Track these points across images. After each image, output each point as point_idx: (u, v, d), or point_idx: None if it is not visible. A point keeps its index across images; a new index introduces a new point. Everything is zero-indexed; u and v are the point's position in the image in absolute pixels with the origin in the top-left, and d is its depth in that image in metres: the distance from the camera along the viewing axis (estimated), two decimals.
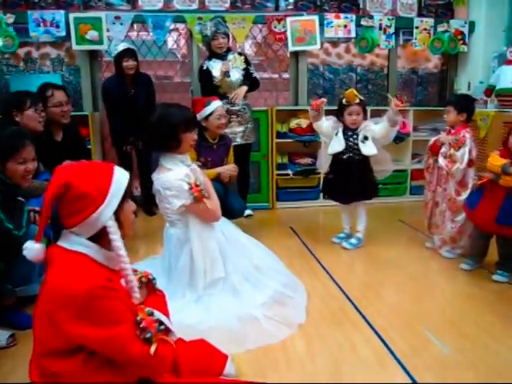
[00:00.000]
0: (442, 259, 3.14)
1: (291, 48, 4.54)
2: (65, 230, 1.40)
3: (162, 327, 1.40)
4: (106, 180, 1.39)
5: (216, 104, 3.26)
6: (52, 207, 1.35)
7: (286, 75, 5.02)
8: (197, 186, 2.28)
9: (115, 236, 1.38)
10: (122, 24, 4.32)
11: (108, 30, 4.27)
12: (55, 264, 1.35)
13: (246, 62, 3.96)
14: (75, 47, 4.28)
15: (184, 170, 2.33)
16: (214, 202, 2.41)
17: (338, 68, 5.05)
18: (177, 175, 2.29)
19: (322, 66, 5.03)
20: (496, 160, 2.67)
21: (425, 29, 4.68)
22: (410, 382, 1.83)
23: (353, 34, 4.59)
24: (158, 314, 1.45)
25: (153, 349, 1.33)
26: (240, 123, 3.95)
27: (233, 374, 1.78)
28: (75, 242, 1.37)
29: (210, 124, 3.24)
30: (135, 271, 1.59)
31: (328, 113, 3.43)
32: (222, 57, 3.87)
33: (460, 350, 2.05)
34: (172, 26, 4.54)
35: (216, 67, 3.85)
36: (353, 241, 3.37)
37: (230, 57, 3.90)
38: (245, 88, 3.88)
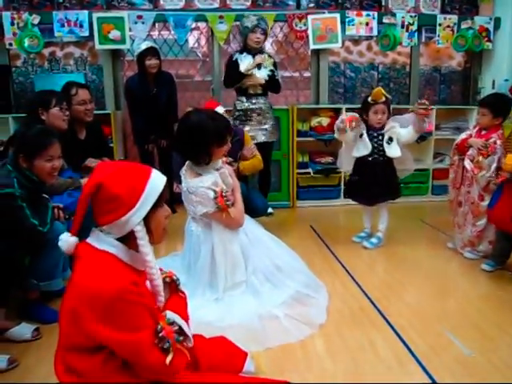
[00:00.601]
0: (464, 260, 3.10)
1: (312, 46, 4.52)
2: (94, 228, 1.41)
3: (181, 338, 1.41)
4: (140, 184, 1.38)
5: (221, 109, 3.13)
6: (87, 204, 1.36)
7: (307, 73, 5.00)
8: (223, 196, 2.30)
9: (142, 241, 1.38)
10: (143, 23, 4.36)
11: (130, 30, 4.32)
12: (83, 261, 1.37)
13: (274, 65, 3.98)
14: (98, 47, 4.33)
15: (212, 178, 2.34)
16: (238, 209, 2.42)
17: (360, 66, 5.00)
18: (204, 182, 2.32)
19: (343, 64, 4.98)
20: (510, 160, 2.63)
21: (448, 26, 4.61)
22: (430, 382, 1.81)
23: (375, 32, 4.54)
24: (177, 320, 1.46)
25: (169, 359, 1.33)
26: (261, 122, 3.96)
27: (252, 372, 1.79)
28: (104, 241, 1.38)
29: None
30: (161, 270, 1.60)
31: (349, 111, 3.40)
32: (254, 53, 3.89)
33: (482, 351, 2.02)
34: (193, 25, 4.57)
35: (245, 62, 3.86)
36: (373, 240, 3.35)
37: (262, 55, 3.92)
38: (261, 80, 3.85)
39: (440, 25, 4.61)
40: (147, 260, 1.40)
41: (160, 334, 1.34)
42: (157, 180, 1.41)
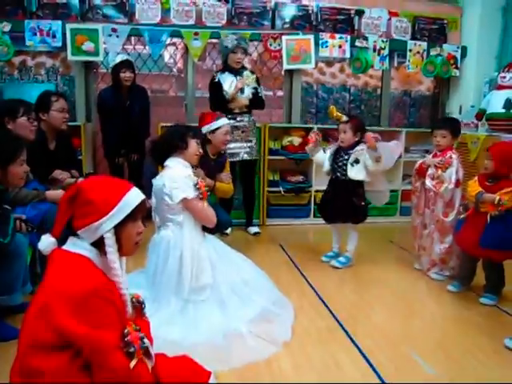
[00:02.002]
0: (430, 281, 3.13)
1: (286, 66, 4.58)
2: (71, 237, 1.45)
3: (145, 345, 1.41)
4: (117, 195, 1.44)
5: (225, 120, 3.33)
6: (67, 206, 1.43)
7: (280, 93, 5.05)
8: (202, 182, 2.43)
9: (110, 248, 1.42)
10: (118, 36, 4.33)
11: (104, 43, 4.29)
12: (57, 263, 1.41)
13: (257, 81, 4.04)
14: (71, 58, 4.28)
15: (189, 170, 2.47)
16: (210, 209, 2.50)
17: (332, 87, 5.09)
18: (183, 172, 2.44)
19: (316, 84, 5.06)
20: (472, 189, 2.72)
21: (418, 52, 4.75)
22: None
23: (347, 55, 4.64)
24: (146, 341, 1.45)
25: (132, 364, 1.34)
26: (245, 139, 4.00)
27: None
28: (78, 245, 1.43)
29: (215, 137, 3.27)
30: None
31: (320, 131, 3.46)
32: (236, 72, 3.94)
33: (446, 372, 2.04)
34: (169, 41, 4.57)
35: (228, 81, 3.92)
36: (341, 259, 3.35)
37: (244, 73, 3.97)
38: (245, 101, 3.93)
39: (410, 50, 4.75)
40: (113, 267, 1.42)
41: (126, 338, 1.35)
42: (134, 196, 1.47)
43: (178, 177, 2.41)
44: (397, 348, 2.24)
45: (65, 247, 1.45)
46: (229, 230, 3.98)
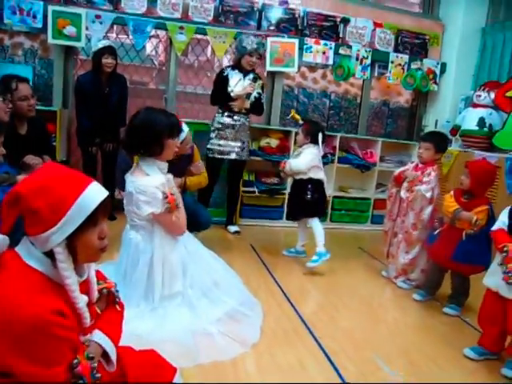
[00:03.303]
0: (397, 289, 3.20)
1: (269, 68, 4.59)
2: (26, 237, 1.27)
3: (98, 375, 1.30)
4: (67, 200, 1.19)
5: (186, 130, 3.04)
6: (12, 213, 1.21)
7: None
8: (172, 195, 2.27)
9: (62, 264, 1.21)
10: (101, 23, 4.26)
11: (87, 28, 4.21)
12: (6, 275, 1.21)
13: (262, 87, 4.07)
14: (51, 41, 4.17)
15: (161, 178, 2.30)
16: (182, 216, 2.40)
17: (313, 92, 5.13)
18: (153, 182, 2.26)
19: (297, 88, 5.09)
20: (449, 205, 2.78)
21: (399, 64, 4.84)
22: None
23: (330, 61, 4.69)
24: (104, 342, 1.38)
25: None
26: (236, 138, 4.01)
27: None
28: (32, 255, 1.23)
29: (181, 149, 3.01)
30: (103, 278, 1.53)
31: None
32: (245, 73, 3.95)
33: (408, 377, 2.09)
34: (153, 32, 4.52)
35: (235, 78, 3.94)
36: (314, 257, 3.31)
37: (257, 83, 3.99)
38: (247, 105, 3.97)
39: (392, 62, 4.83)
40: (67, 284, 1.23)
41: (75, 370, 1.23)
42: (91, 196, 1.23)
43: (147, 188, 2.24)
44: (361, 352, 2.28)
45: (19, 251, 1.24)
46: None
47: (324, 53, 4.64)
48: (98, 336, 1.40)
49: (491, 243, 2.71)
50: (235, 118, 3.98)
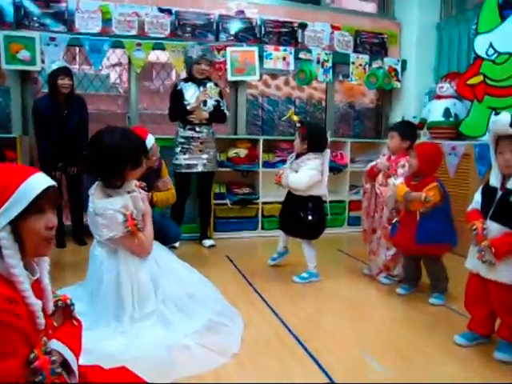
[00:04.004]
0: (380, 285, 3.12)
1: (230, 78, 4.55)
2: None
3: (58, 370, 1.22)
4: (10, 186, 1.20)
5: (152, 138, 3.00)
6: None
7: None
8: (133, 219, 2.15)
9: (7, 251, 1.18)
10: (56, 46, 4.15)
11: (42, 53, 4.11)
12: None
13: (220, 94, 3.98)
14: (5, 66, 4.05)
15: (122, 200, 2.17)
16: (147, 235, 2.27)
17: (277, 100, 5.09)
18: (113, 205, 2.14)
19: (261, 97, 5.05)
20: (400, 191, 2.77)
21: (360, 64, 4.86)
22: None
23: (292, 67, 4.67)
24: (63, 351, 1.28)
25: None
26: (202, 150, 3.91)
27: None
28: None
29: (149, 162, 2.87)
30: (54, 293, 1.42)
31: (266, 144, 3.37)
32: (199, 83, 3.86)
33: (399, 371, 2.00)
34: (111, 53, 4.45)
35: (190, 91, 3.85)
36: (303, 274, 3.17)
37: (208, 85, 3.90)
38: (205, 115, 3.86)
39: (353, 63, 4.85)
40: (14, 273, 1.19)
41: (33, 365, 1.15)
42: (34, 183, 1.23)
43: (106, 211, 2.12)
44: (347, 350, 2.19)
45: None
46: (177, 244, 3.83)
47: (284, 58, 4.62)
48: (56, 344, 1.29)
49: (452, 220, 2.75)
50: (197, 129, 3.90)
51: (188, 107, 3.82)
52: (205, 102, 3.85)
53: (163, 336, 2.14)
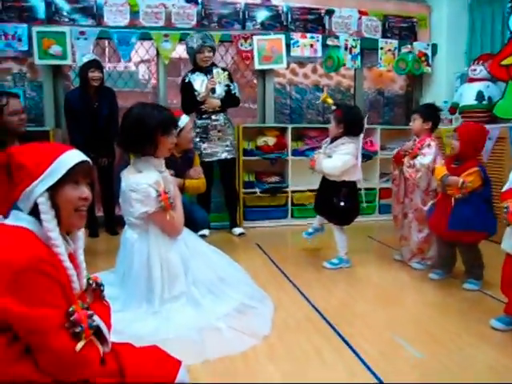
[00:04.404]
0: (412, 271, 3.06)
1: (257, 66, 4.54)
2: (13, 210, 1.35)
3: (95, 324, 1.29)
4: (50, 156, 1.32)
5: (186, 118, 3.13)
6: (2, 178, 1.33)
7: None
8: (166, 193, 2.18)
9: (45, 216, 1.29)
10: (86, 39, 4.24)
11: (72, 46, 4.19)
12: None
13: (230, 78, 3.97)
14: (38, 62, 4.17)
15: (155, 176, 2.21)
16: (179, 216, 2.30)
17: (305, 88, 5.05)
18: (147, 179, 2.18)
19: (288, 85, 5.02)
20: (439, 173, 2.70)
21: (389, 50, 4.76)
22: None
23: (319, 54, 4.63)
24: (97, 320, 1.32)
25: (79, 346, 1.21)
26: (221, 138, 3.93)
27: (187, 382, 1.61)
28: (20, 218, 1.32)
29: (182, 139, 3.03)
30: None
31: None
32: (206, 71, 3.87)
33: (433, 354, 1.95)
34: (138, 44, 4.51)
35: (198, 80, 3.86)
36: (334, 260, 3.15)
37: (214, 71, 3.89)
38: (217, 103, 3.86)
39: (382, 48, 4.76)
40: (51, 237, 1.29)
41: (72, 317, 1.21)
42: (71, 156, 1.36)
43: (140, 187, 2.15)
44: (380, 334, 2.15)
45: (6, 221, 1.33)
46: (207, 232, 3.86)
47: (312, 46, 4.58)
48: (84, 304, 1.35)
49: (492, 207, 2.66)
50: (213, 117, 3.91)
51: (198, 98, 3.82)
52: (213, 90, 3.83)
53: (194, 318, 2.15)
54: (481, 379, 1.76)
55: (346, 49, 4.65)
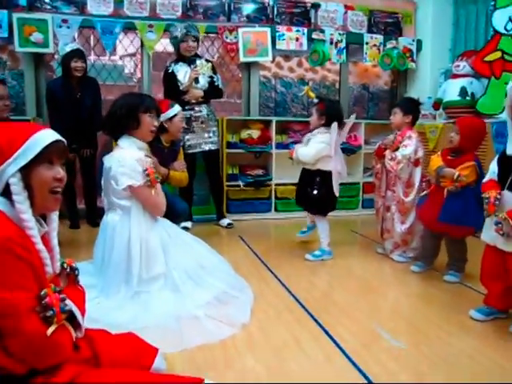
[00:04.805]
0: (394, 263, 3.07)
1: (242, 59, 4.51)
2: None
3: (68, 308, 1.25)
4: (23, 136, 1.27)
5: (179, 107, 3.19)
6: None
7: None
8: (152, 168, 2.22)
9: (18, 197, 1.24)
10: (69, 28, 4.17)
11: (55, 36, 4.12)
12: None
13: (213, 70, 3.94)
14: (18, 49, 4.09)
15: (139, 154, 2.25)
16: (161, 196, 2.33)
17: (290, 82, 5.04)
18: (132, 154, 2.22)
19: (274, 79, 5.00)
20: (434, 163, 2.68)
21: (374, 45, 4.77)
22: (361, 376, 1.69)
23: (304, 47, 4.61)
24: (70, 304, 1.28)
25: (50, 330, 1.17)
26: (204, 129, 3.90)
27: (163, 369, 1.59)
28: None
29: (173, 125, 3.11)
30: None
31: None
32: (189, 61, 3.83)
33: (414, 344, 1.95)
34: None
35: (181, 71, 3.82)
36: (316, 252, 3.16)
37: (198, 62, 3.85)
38: (200, 93, 3.82)
39: (367, 43, 4.76)
40: (23, 218, 1.24)
41: (43, 301, 1.18)
42: (45, 135, 1.31)
43: (126, 161, 2.19)
44: (361, 324, 2.15)
45: None
46: (189, 224, 3.83)
47: (297, 39, 4.57)
48: (56, 288, 1.29)
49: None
50: (196, 109, 3.87)
51: (181, 88, 3.78)
52: (197, 80, 3.80)
53: (173, 306, 2.13)
54: (461, 369, 1.76)
55: (331, 43, 4.64)
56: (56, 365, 1.26)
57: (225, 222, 4.11)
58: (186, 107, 3.84)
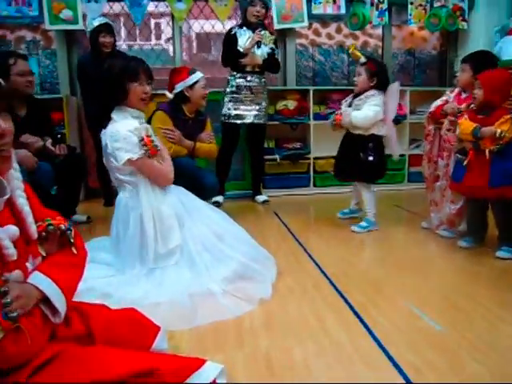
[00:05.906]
0: (440, 239, 2.79)
1: (277, 26, 4.25)
2: None
3: (14, 314, 1.02)
4: None
5: (200, 73, 3.03)
6: None
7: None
8: (149, 137, 2.06)
9: None
10: (97, 2, 4.07)
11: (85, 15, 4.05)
12: None
13: (275, 43, 3.78)
14: (48, 26, 4.04)
15: (134, 123, 2.08)
16: (166, 163, 2.18)
17: (329, 49, 4.75)
18: (125, 126, 2.06)
19: (311, 47, 4.72)
20: (466, 128, 2.39)
21: (420, 4, 4.37)
22: (391, 364, 1.47)
23: (343, 11, 4.28)
24: (44, 284, 1.12)
25: None
26: (253, 101, 3.74)
27: (164, 349, 1.44)
28: None
29: (194, 93, 2.97)
30: (54, 216, 1.27)
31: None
32: (254, 28, 3.67)
33: (453, 324, 1.71)
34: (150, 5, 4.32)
35: (244, 36, 3.67)
36: (362, 223, 2.99)
37: (262, 32, 3.69)
38: (259, 60, 3.67)
39: (412, 3, 4.37)
40: None
41: None
42: None
43: (120, 134, 2.04)
44: (395, 304, 1.92)
45: None
46: (221, 199, 3.69)
47: (335, 2, 4.25)
48: (37, 277, 1.14)
49: None
50: (249, 78, 3.69)
51: (241, 49, 3.62)
52: (259, 44, 3.61)
53: (188, 281, 1.99)
54: (503, 352, 1.51)
55: (372, 4, 4.29)
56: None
57: (261, 198, 3.95)
58: (238, 75, 3.69)
